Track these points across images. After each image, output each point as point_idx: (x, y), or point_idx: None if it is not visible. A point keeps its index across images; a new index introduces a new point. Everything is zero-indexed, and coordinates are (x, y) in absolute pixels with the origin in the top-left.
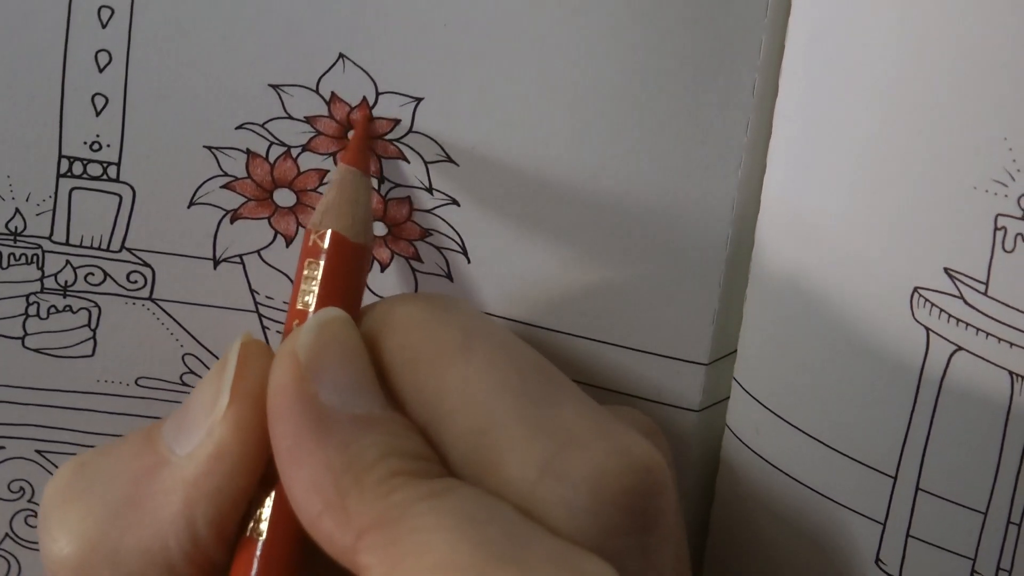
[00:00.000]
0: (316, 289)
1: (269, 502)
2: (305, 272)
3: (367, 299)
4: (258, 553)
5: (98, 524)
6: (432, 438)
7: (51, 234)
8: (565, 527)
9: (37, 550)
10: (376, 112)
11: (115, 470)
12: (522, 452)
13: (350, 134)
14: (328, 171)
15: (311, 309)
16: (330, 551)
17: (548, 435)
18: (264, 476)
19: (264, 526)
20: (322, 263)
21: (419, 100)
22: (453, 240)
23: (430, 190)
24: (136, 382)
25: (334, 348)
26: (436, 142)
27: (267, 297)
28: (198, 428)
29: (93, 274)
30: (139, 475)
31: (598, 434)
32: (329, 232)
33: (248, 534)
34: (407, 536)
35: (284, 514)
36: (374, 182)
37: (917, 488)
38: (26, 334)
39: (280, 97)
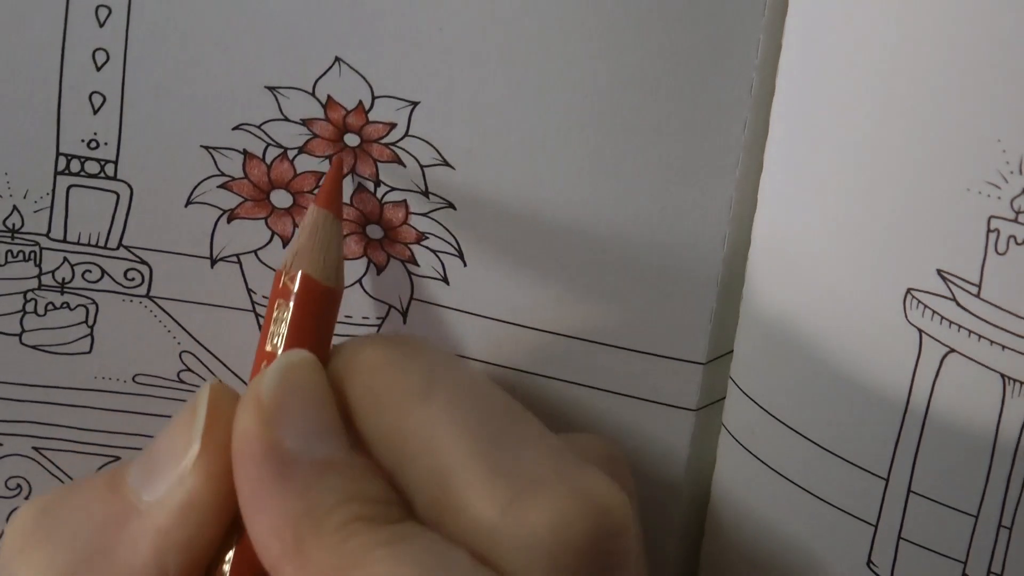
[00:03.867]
0: (285, 331)
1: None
2: (275, 314)
3: (364, 302)
4: None
5: (66, 571)
6: (397, 481)
7: (49, 231)
8: (523, 570)
9: None
10: (372, 116)
11: (81, 515)
12: (482, 495)
13: (346, 138)
14: (324, 173)
15: (280, 351)
16: None
17: (508, 477)
18: (235, 520)
19: (227, 568)
20: (291, 305)
21: (415, 104)
22: (449, 243)
23: (426, 194)
24: (133, 379)
25: (298, 393)
26: (432, 146)
27: (264, 297)
28: (167, 475)
29: (91, 271)
30: (107, 521)
31: (558, 476)
32: (299, 274)
33: None
34: None
35: (248, 558)
36: (370, 184)
37: (909, 490)
38: (23, 331)
39: (276, 99)
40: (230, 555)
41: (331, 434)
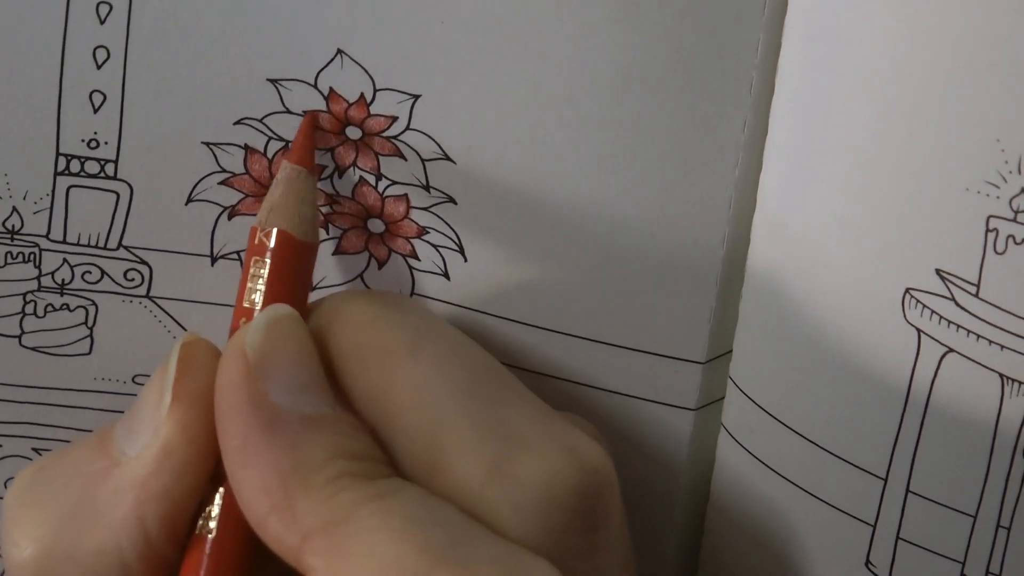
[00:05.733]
0: (263, 287)
1: (219, 499)
2: (251, 270)
3: None
4: (207, 550)
5: (54, 527)
6: (381, 437)
7: (48, 232)
8: (512, 527)
9: None
10: (374, 109)
11: (70, 473)
12: (470, 452)
13: (348, 131)
14: (325, 167)
15: (258, 307)
16: (277, 551)
17: (496, 435)
18: (214, 473)
19: (214, 524)
20: (268, 261)
21: (416, 97)
22: (450, 238)
23: (427, 188)
24: (133, 380)
25: (284, 347)
26: (433, 139)
27: None
28: (145, 429)
29: (90, 272)
30: (93, 477)
31: (546, 434)
32: (275, 230)
33: (198, 531)
34: (352, 537)
35: (233, 512)
36: (372, 178)
37: (907, 490)
38: (23, 332)
39: (279, 92)
40: (215, 510)
41: (317, 389)
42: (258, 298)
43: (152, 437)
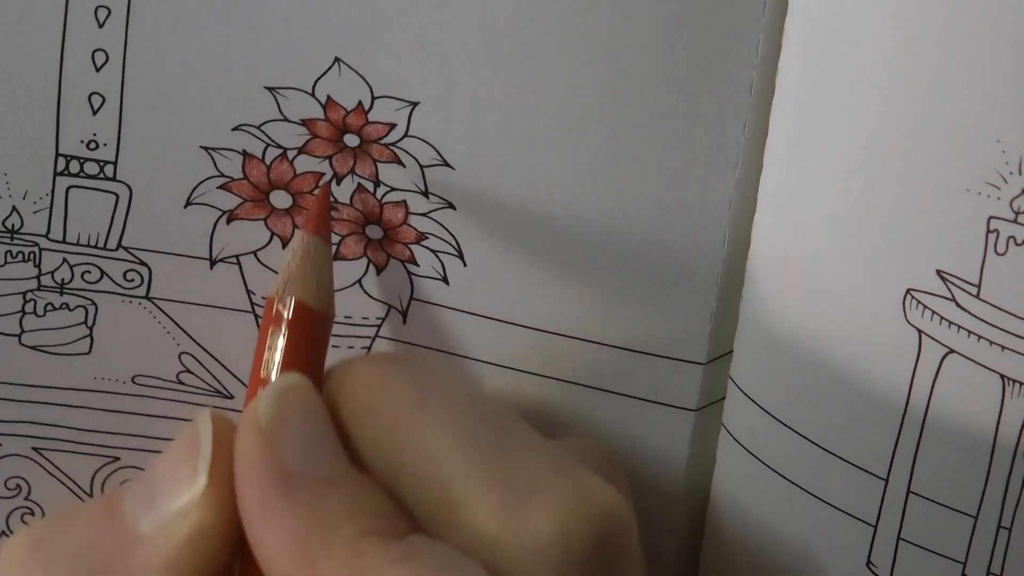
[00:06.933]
0: (279, 358)
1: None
2: (268, 341)
3: (364, 302)
4: None
5: None
6: (396, 496)
7: (48, 232)
8: None
9: None
10: (372, 116)
11: (78, 544)
12: (483, 504)
13: (346, 138)
14: (324, 174)
15: (274, 377)
16: None
17: (507, 485)
18: (240, 548)
19: None
20: (285, 332)
21: (415, 104)
22: (449, 243)
23: (426, 194)
24: (132, 380)
25: (295, 413)
26: (432, 146)
27: (263, 298)
28: (169, 505)
29: (90, 272)
30: (108, 552)
31: (557, 482)
32: (292, 301)
33: None
34: None
35: None
36: (370, 185)
37: (908, 491)
38: (23, 331)
39: (276, 99)
40: None
41: (331, 451)
42: (275, 369)
43: (182, 517)
